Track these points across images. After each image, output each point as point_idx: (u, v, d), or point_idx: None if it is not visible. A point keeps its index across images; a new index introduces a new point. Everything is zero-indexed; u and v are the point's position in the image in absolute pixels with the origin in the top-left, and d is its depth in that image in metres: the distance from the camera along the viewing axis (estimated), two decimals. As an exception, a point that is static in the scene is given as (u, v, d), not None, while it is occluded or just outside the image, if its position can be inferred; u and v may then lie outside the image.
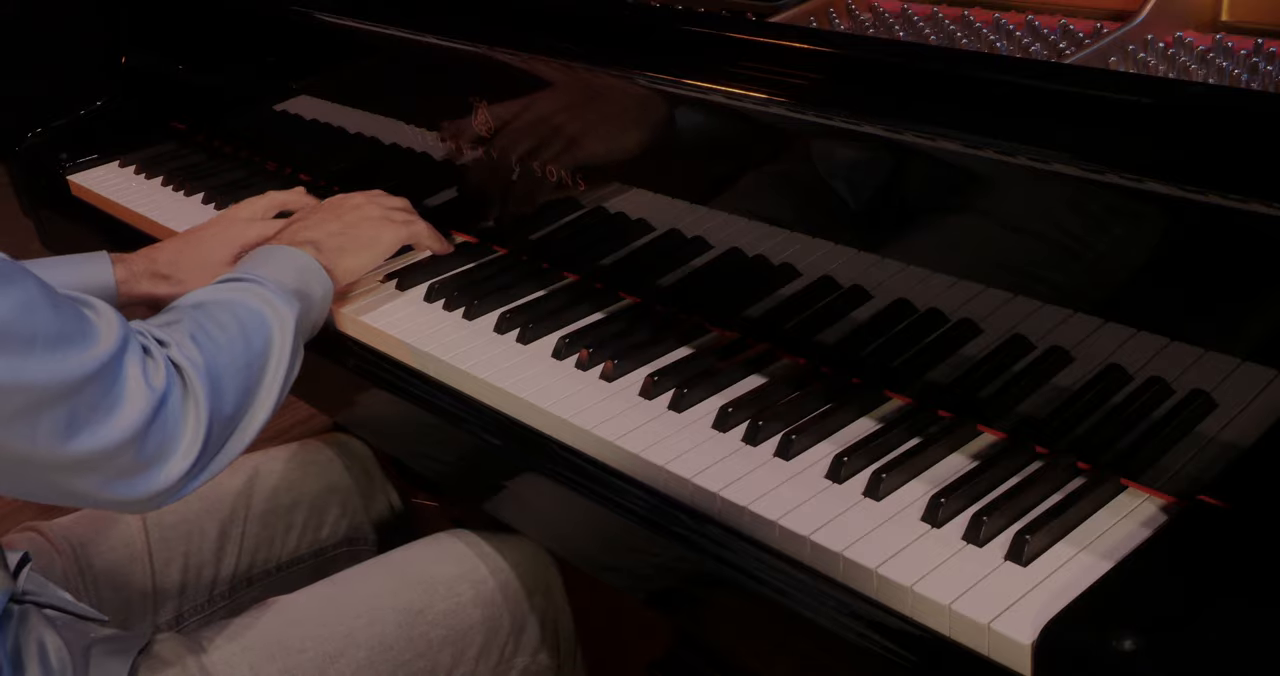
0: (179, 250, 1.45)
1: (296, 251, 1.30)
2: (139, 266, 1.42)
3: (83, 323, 0.98)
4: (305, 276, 1.28)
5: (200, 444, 1.04)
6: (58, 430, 0.94)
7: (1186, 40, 1.21)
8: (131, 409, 0.98)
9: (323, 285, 1.30)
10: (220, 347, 1.10)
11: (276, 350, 1.15)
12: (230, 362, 1.10)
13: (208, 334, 1.10)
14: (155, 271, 1.42)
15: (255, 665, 1.16)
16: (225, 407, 1.08)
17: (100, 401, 0.97)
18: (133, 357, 1.00)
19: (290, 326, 1.18)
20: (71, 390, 0.94)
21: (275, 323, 1.17)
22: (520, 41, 1.37)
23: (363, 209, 1.42)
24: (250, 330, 1.14)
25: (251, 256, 1.30)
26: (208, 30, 1.92)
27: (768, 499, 1.05)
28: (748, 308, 1.27)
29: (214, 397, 1.06)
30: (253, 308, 1.16)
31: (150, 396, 1.00)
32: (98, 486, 1.00)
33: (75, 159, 1.98)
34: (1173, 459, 1.01)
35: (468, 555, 1.30)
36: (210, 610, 1.40)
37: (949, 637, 0.93)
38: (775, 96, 1.14)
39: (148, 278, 1.42)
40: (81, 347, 0.96)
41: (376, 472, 1.57)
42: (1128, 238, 0.99)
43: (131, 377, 0.99)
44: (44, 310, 0.94)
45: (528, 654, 1.30)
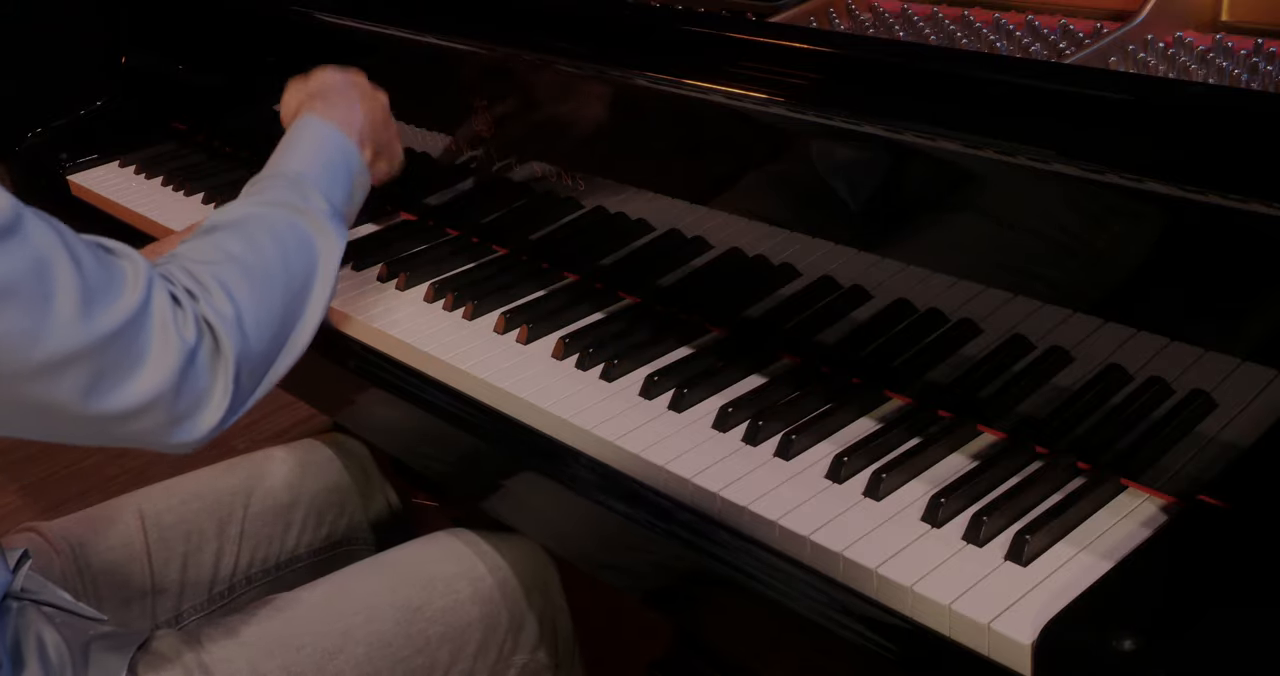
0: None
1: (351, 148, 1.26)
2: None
3: (107, 272, 0.94)
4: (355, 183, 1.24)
5: (230, 396, 1.01)
6: (80, 389, 0.92)
7: (1186, 40, 1.21)
8: (158, 365, 0.95)
9: (365, 191, 1.27)
10: (258, 292, 1.05)
11: (320, 278, 1.12)
12: (269, 308, 1.06)
13: (245, 271, 1.05)
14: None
15: (254, 661, 1.16)
16: (257, 354, 1.04)
17: (124, 358, 0.94)
18: (159, 306, 0.96)
19: (337, 251, 1.14)
20: (95, 349, 0.92)
21: (322, 248, 1.12)
22: (520, 41, 1.37)
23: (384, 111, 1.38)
24: (293, 258, 1.09)
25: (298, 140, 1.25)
26: (208, 30, 1.92)
27: (768, 499, 1.05)
28: (748, 308, 1.27)
29: (244, 350, 1.02)
30: (300, 233, 1.11)
31: (180, 349, 0.96)
32: (131, 437, 0.98)
33: (75, 159, 1.98)
34: (1173, 459, 1.01)
35: (466, 553, 1.30)
36: (209, 609, 1.40)
37: (949, 637, 0.93)
38: (775, 96, 1.14)
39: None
40: (105, 303, 0.93)
41: (375, 472, 1.57)
42: (1128, 238, 0.99)
43: (158, 329, 0.95)
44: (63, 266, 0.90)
45: (526, 651, 1.30)
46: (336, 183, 1.22)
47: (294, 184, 1.18)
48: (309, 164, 1.22)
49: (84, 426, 0.96)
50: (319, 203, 1.17)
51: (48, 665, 1.09)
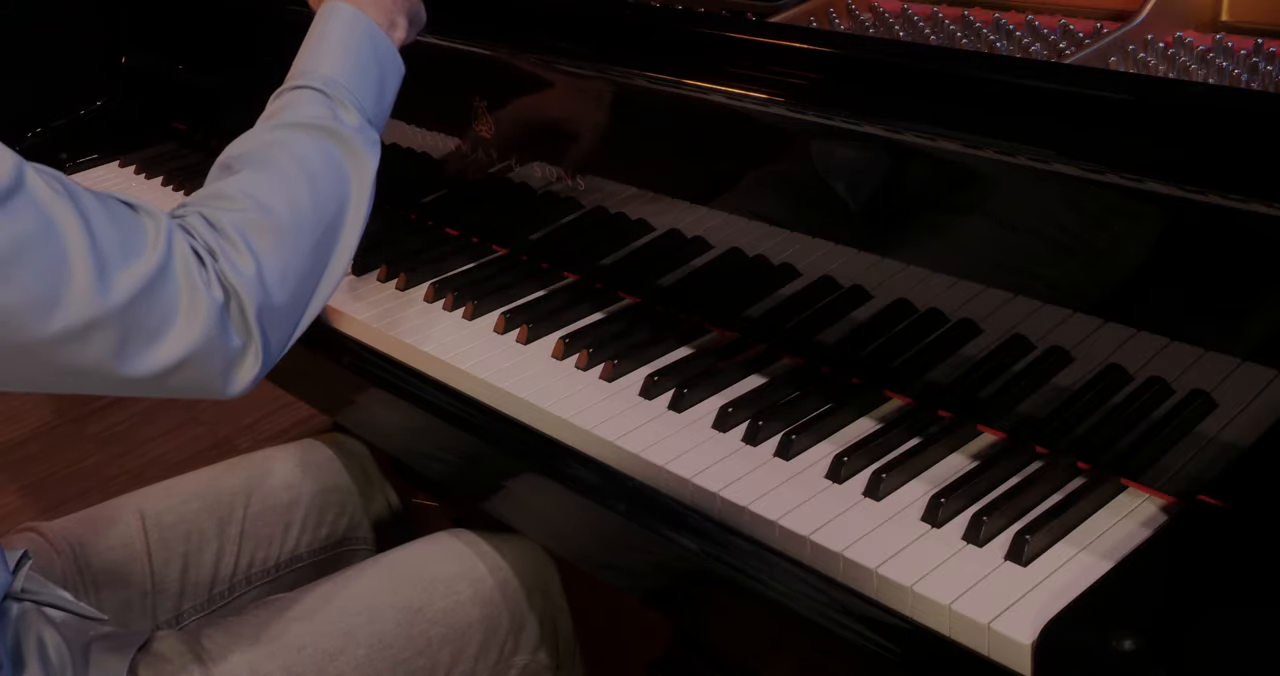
0: None
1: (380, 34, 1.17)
2: None
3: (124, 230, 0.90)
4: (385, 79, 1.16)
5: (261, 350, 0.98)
6: (109, 352, 0.89)
7: (1186, 40, 1.21)
8: (187, 324, 0.92)
9: (398, 80, 1.18)
10: (284, 235, 1.00)
11: (353, 209, 1.07)
12: (294, 251, 1.01)
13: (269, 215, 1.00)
14: None
15: (254, 662, 1.16)
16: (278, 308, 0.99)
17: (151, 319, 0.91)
18: (182, 263, 0.93)
19: (369, 171, 1.08)
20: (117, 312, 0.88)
21: (354, 174, 1.07)
22: (520, 41, 1.37)
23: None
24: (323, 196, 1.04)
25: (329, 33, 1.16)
26: (208, 30, 1.92)
27: (768, 499, 1.05)
28: (748, 308, 1.27)
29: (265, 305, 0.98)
30: (330, 157, 1.06)
31: (209, 306, 0.93)
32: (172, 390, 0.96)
33: (75, 159, 1.98)
34: (1173, 459, 1.01)
35: (466, 554, 1.30)
36: (210, 609, 1.40)
37: (949, 637, 0.93)
38: (775, 96, 1.14)
39: None
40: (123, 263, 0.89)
41: (375, 472, 1.57)
42: (1128, 238, 0.99)
43: (184, 287, 0.92)
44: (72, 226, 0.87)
45: (527, 652, 1.30)
46: (368, 83, 1.14)
47: (322, 95, 1.11)
48: (337, 65, 1.14)
49: (123, 384, 0.93)
50: (349, 116, 1.10)
51: (48, 666, 1.09)
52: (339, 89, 1.12)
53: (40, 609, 1.13)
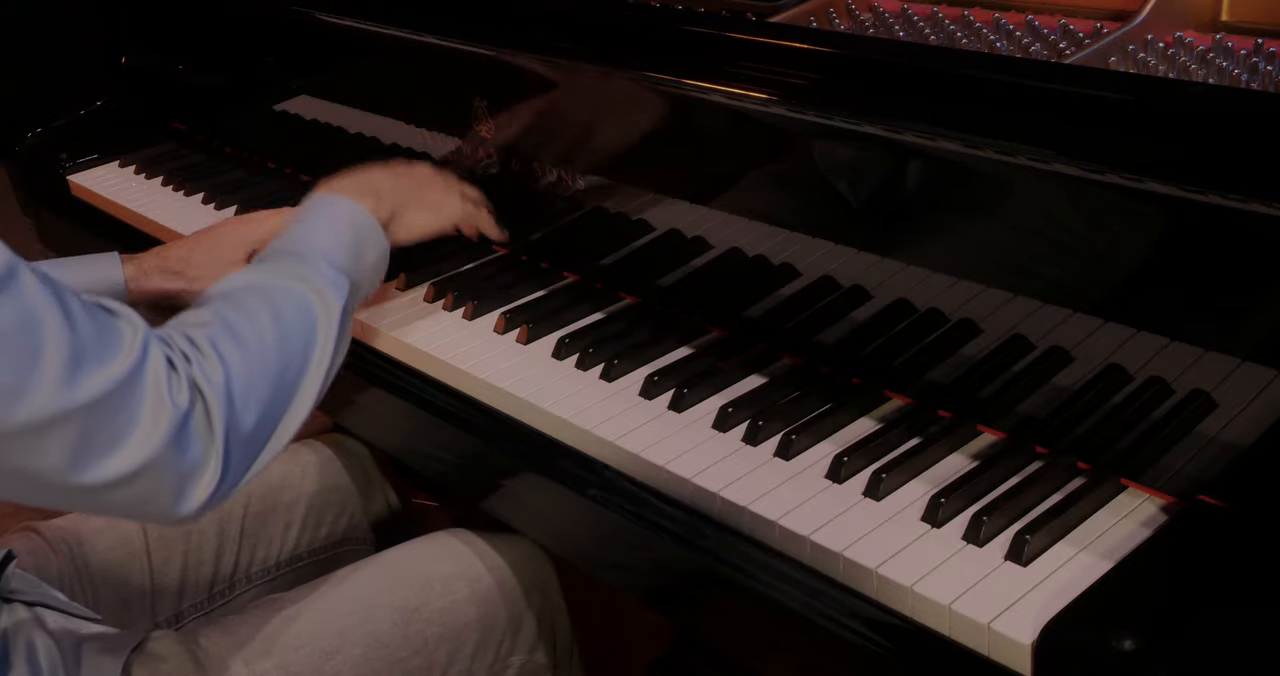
0: (190, 248, 1.45)
1: (356, 207, 1.21)
2: (149, 263, 1.42)
3: (103, 333, 0.91)
4: (361, 241, 1.19)
5: (219, 471, 0.97)
6: (66, 453, 0.89)
7: (1186, 40, 1.21)
8: (149, 432, 0.91)
9: (378, 247, 1.21)
10: (250, 356, 1.01)
11: (319, 346, 1.07)
12: (260, 374, 1.01)
13: (237, 339, 1.01)
14: (166, 267, 1.42)
15: (250, 661, 1.16)
16: (247, 426, 0.99)
17: (113, 423, 0.90)
18: (154, 370, 0.93)
19: (336, 317, 1.09)
20: (81, 411, 0.88)
21: (320, 314, 1.08)
22: (520, 41, 1.37)
23: (430, 175, 1.36)
24: (289, 329, 1.05)
25: (305, 213, 1.21)
26: (208, 30, 1.92)
27: (768, 499, 1.05)
28: (748, 308, 1.27)
29: (232, 420, 0.98)
30: (297, 297, 1.08)
31: (172, 415, 0.92)
32: (120, 507, 0.96)
33: (75, 159, 1.98)
34: (1173, 459, 1.01)
35: (464, 553, 1.30)
36: (209, 608, 1.40)
37: (949, 637, 0.93)
38: (775, 96, 1.14)
39: (158, 274, 1.42)
40: (97, 362, 0.89)
41: (374, 472, 1.57)
42: (1128, 238, 0.99)
43: (150, 394, 0.92)
44: (53, 323, 0.88)
45: (524, 652, 1.30)
46: (340, 244, 1.17)
47: (294, 254, 1.15)
48: (309, 232, 1.18)
49: (73, 493, 0.92)
50: (320, 267, 1.13)
51: (37, 669, 1.08)
52: (309, 249, 1.15)
53: (31, 609, 1.13)
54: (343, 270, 1.15)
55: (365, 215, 1.22)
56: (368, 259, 1.21)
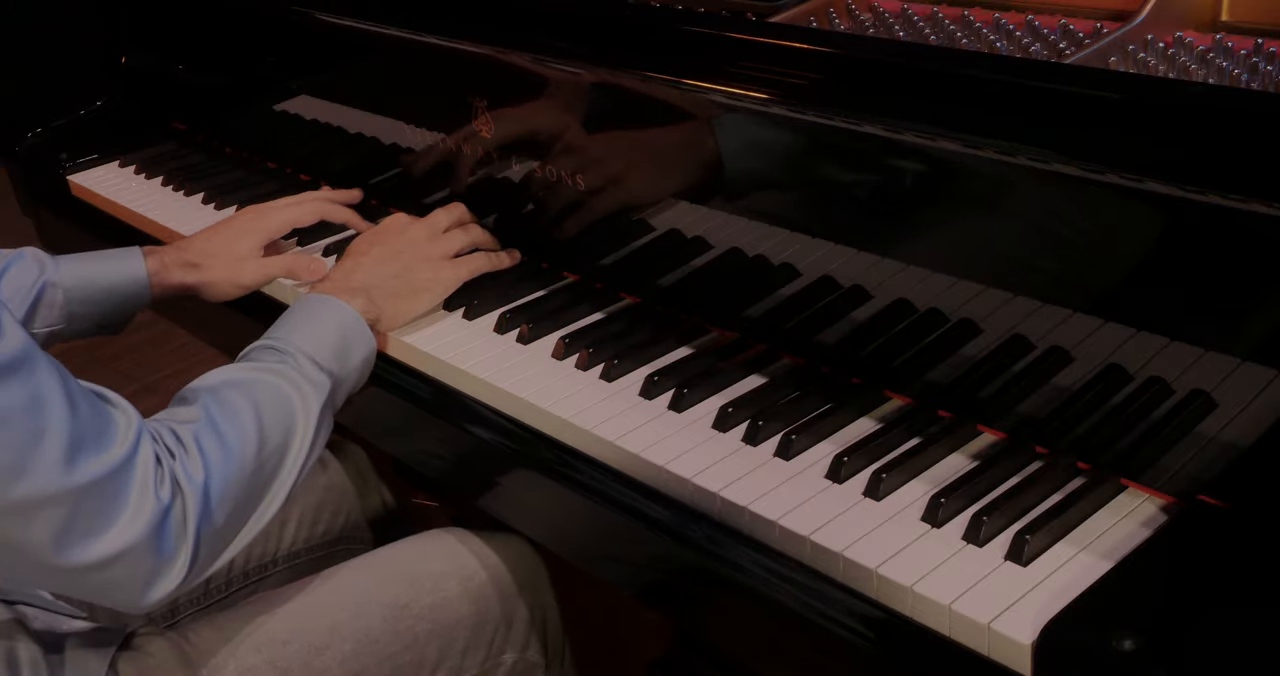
0: (208, 240, 1.48)
1: (343, 307, 1.25)
2: (170, 257, 1.45)
3: (100, 421, 0.96)
4: (348, 340, 1.22)
5: (187, 566, 1.01)
6: (52, 534, 0.92)
7: (1186, 40, 1.21)
8: (133, 521, 0.96)
9: (366, 347, 1.25)
10: (231, 456, 1.05)
11: (297, 442, 1.11)
12: (238, 473, 1.05)
13: (220, 438, 1.05)
14: (186, 261, 1.45)
15: (240, 657, 1.16)
16: (219, 524, 1.04)
17: (101, 509, 0.94)
18: (144, 462, 0.97)
19: (315, 414, 1.13)
20: (74, 495, 0.92)
21: (300, 410, 1.12)
22: (520, 41, 1.37)
23: (422, 247, 1.36)
24: (269, 425, 1.09)
25: (296, 311, 1.24)
26: (208, 30, 1.92)
27: (768, 499, 1.05)
28: (748, 308, 1.27)
29: (204, 519, 1.02)
30: (278, 394, 1.12)
31: (155, 508, 0.97)
32: (91, 590, 1.00)
33: (75, 159, 1.98)
34: (1173, 459, 1.01)
35: (456, 551, 1.30)
36: (205, 604, 1.41)
37: (949, 637, 0.93)
38: (775, 96, 1.14)
39: (179, 267, 1.44)
40: (94, 449, 0.94)
41: (370, 472, 1.57)
42: (1128, 238, 0.99)
43: (138, 485, 0.96)
44: (57, 406, 0.92)
45: (516, 649, 1.30)
46: (325, 343, 1.20)
47: (279, 351, 1.17)
48: (296, 330, 1.21)
49: (47, 573, 0.97)
50: (303, 365, 1.16)
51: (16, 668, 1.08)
52: (296, 347, 1.18)
53: (12, 608, 1.13)
54: (325, 369, 1.18)
55: (354, 316, 1.25)
56: (354, 359, 1.23)
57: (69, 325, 1.39)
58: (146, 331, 2.20)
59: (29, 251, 1.39)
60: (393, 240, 1.37)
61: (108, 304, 1.41)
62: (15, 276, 1.36)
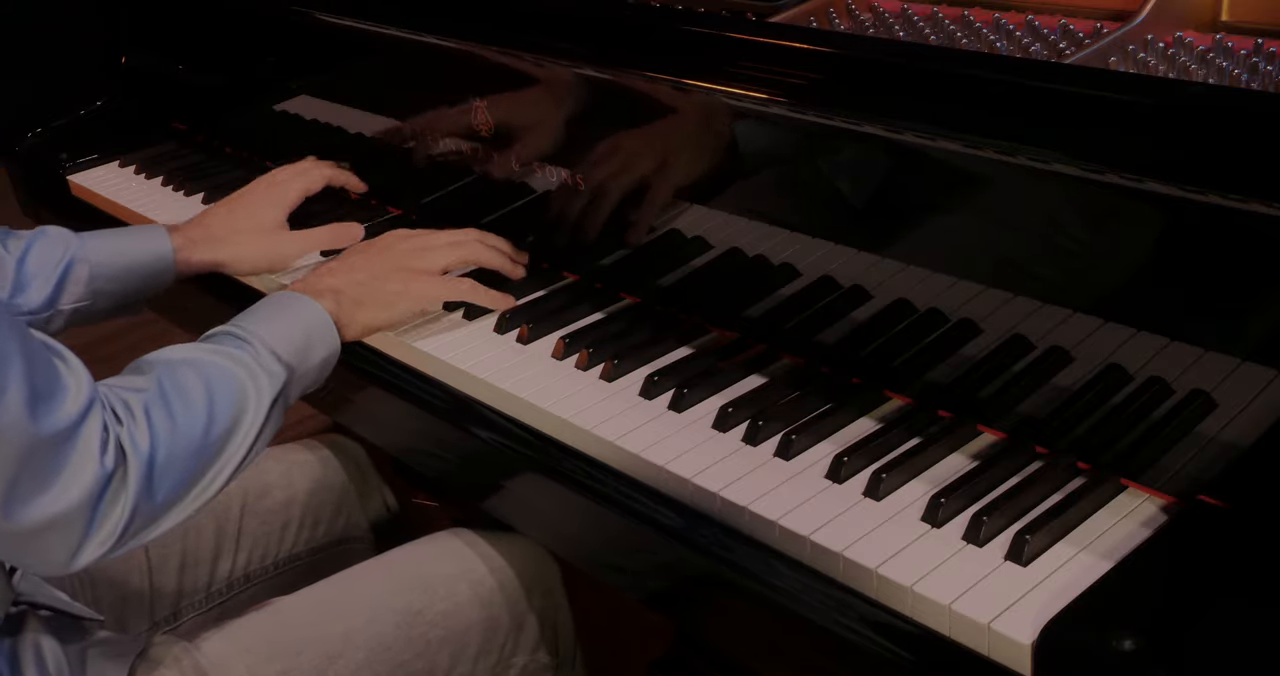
0: (229, 213, 1.49)
1: (312, 305, 1.22)
2: (195, 233, 1.45)
3: (54, 380, 0.94)
4: (311, 338, 1.20)
5: (118, 534, 0.99)
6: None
7: (1186, 40, 1.21)
8: (73, 483, 0.94)
9: (328, 347, 1.22)
10: (178, 430, 1.03)
11: (244, 428, 1.09)
12: (184, 449, 1.03)
13: (169, 411, 1.03)
14: (211, 236, 1.45)
15: (253, 667, 1.16)
16: (158, 497, 1.02)
17: (45, 469, 0.93)
18: (93, 426, 0.96)
19: (266, 403, 1.11)
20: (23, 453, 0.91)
21: (251, 396, 1.10)
22: (520, 41, 1.37)
23: (399, 259, 1.32)
24: (218, 406, 1.07)
25: (264, 304, 1.22)
26: (208, 30, 1.92)
27: (768, 499, 1.05)
28: (748, 308, 1.27)
29: (144, 490, 1.00)
30: (231, 377, 1.09)
31: (99, 473, 0.95)
32: (16, 554, 0.98)
33: (75, 159, 1.97)
34: (1173, 459, 1.01)
35: (466, 554, 1.30)
36: (207, 608, 1.41)
37: (949, 637, 0.93)
38: (775, 96, 1.14)
39: (205, 243, 1.45)
40: (46, 408, 0.92)
41: (371, 472, 1.57)
42: (1128, 237, 0.99)
43: (83, 449, 0.94)
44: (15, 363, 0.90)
45: (526, 653, 1.30)
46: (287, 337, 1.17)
47: (239, 338, 1.15)
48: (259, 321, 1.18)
49: None
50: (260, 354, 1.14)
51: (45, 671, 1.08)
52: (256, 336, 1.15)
53: (37, 613, 1.13)
54: (284, 361, 1.15)
55: (320, 313, 1.22)
56: (314, 356, 1.20)
57: (94, 303, 1.39)
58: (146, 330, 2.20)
59: (52, 229, 1.39)
60: (374, 250, 1.34)
61: (132, 280, 1.41)
62: (41, 252, 1.36)
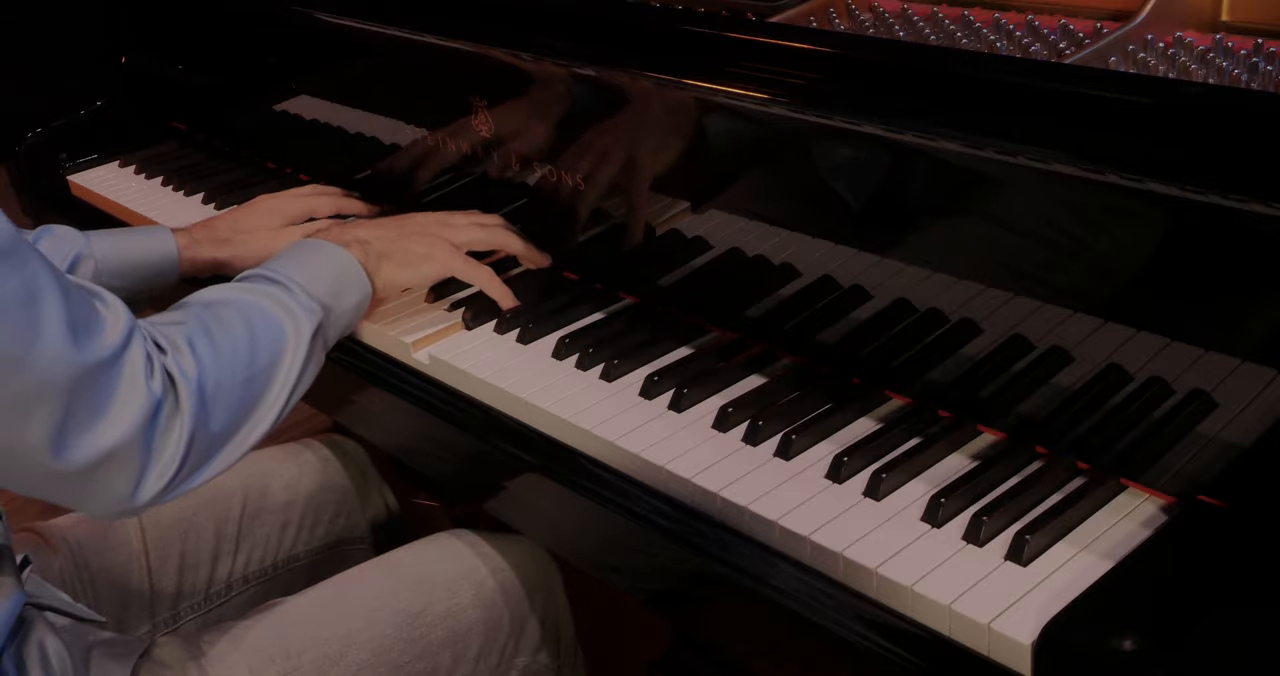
0: (236, 219, 1.51)
1: (340, 250, 1.23)
2: (199, 233, 1.47)
3: (91, 313, 0.94)
4: (341, 282, 1.21)
5: (177, 464, 0.98)
6: (49, 430, 0.90)
7: (1186, 40, 1.21)
8: (124, 413, 0.93)
9: (360, 290, 1.23)
10: (222, 358, 1.03)
11: (286, 364, 1.09)
12: (230, 377, 1.03)
13: (212, 341, 1.04)
14: (216, 237, 1.47)
15: (255, 668, 1.16)
16: (213, 426, 1.01)
17: (94, 401, 0.92)
18: (136, 353, 0.95)
19: (306, 339, 1.11)
20: (72, 384, 0.90)
21: (290, 333, 1.10)
22: (520, 41, 1.36)
23: (428, 226, 1.34)
24: (260, 341, 1.07)
25: (291, 249, 1.23)
26: (208, 30, 1.92)
27: (768, 499, 1.05)
28: (748, 308, 1.27)
29: (200, 416, 1.00)
30: (269, 315, 1.10)
31: (148, 399, 0.95)
32: (78, 495, 0.97)
33: (75, 159, 1.98)
34: (1173, 459, 1.01)
35: (467, 555, 1.30)
36: (207, 608, 1.41)
37: (949, 637, 0.93)
38: (775, 96, 1.14)
39: (209, 243, 1.46)
40: (87, 339, 0.91)
41: (372, 473, 1.57)
42: (1128, 238, 0.99)
43: (129, 376, 0.94)
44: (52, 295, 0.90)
45: (528, 654, 1.30)
46: (319, 278, 1.18)
47: (271, 280, 1.16)
48: (288, 264, 1.19)
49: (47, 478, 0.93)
50: (295, 292, 1.15)
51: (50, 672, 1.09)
52: (285, 275, 1.16)
53: (42, 613, 1.13)
54: (319, 301, 1.16)
55: (349, 257, 1.23)
56: (347, 299, 1.21)
57: None
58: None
59: (58, 227, 1.41)
60: (403, 216, 1.37)
61: (137, 277, 1.42)
62: (47, 248, 1.37)
